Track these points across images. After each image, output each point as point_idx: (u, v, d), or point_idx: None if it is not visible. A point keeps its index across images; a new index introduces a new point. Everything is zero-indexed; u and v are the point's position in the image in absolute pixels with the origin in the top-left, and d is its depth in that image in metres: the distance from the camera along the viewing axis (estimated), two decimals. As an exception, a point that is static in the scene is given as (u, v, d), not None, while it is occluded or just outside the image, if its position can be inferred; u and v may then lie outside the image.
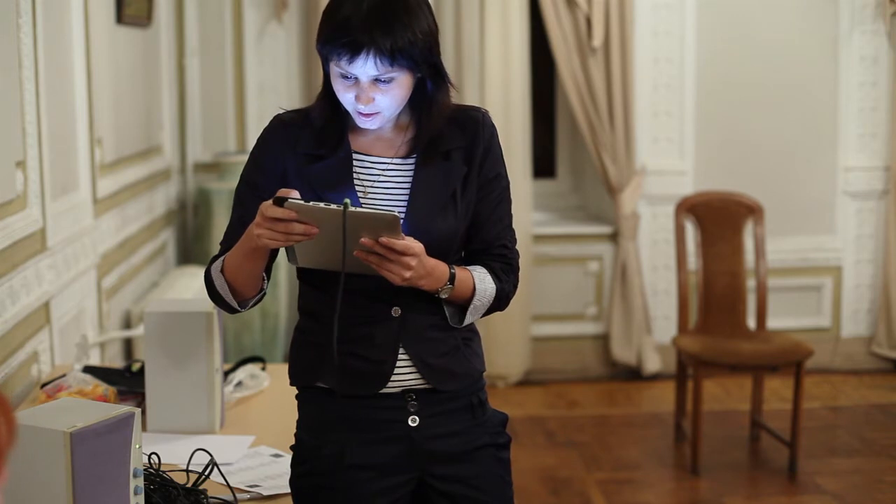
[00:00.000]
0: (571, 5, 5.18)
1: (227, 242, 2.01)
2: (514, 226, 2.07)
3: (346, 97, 1.89)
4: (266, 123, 2.03)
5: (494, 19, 5.15)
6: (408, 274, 1.82)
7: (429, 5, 1.91)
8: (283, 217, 1.76)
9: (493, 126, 2.02)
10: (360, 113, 1.89)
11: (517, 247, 2.07)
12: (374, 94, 1.86)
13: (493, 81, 5.18)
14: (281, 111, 2.03)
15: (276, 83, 5.27)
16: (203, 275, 2.03)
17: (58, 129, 3.09)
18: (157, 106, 4.73)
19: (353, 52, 1.82)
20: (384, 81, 1.85)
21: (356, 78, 1.85)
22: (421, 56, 1.86)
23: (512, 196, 2.07)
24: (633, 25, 5.23)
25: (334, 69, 1.87)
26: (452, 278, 1.92)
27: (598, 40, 5.16)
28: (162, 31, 4.83)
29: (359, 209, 1.77)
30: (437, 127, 1.95)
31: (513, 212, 2.07)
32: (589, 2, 5.16)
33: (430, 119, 1.94)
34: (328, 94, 1.94)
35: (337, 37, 1.83)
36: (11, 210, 2.70)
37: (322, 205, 1.76)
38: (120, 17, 3.92)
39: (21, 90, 2.77)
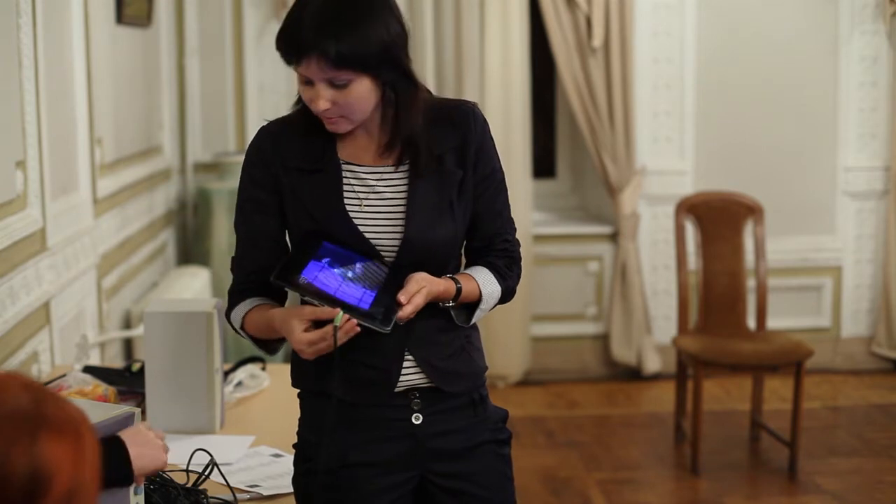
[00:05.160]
0: (571, 5, 5.18)
1: (241, 262, 2.04)
2: (513, 223, 2.06)
3: (307, 100, 1.88)
4: (265, 124, 2.02)
5: (494, 19, 5.15)
6: (413, 309, 1.87)
7: (393, 9, 1.87)
8: (320, 338, 1.85)
9: (484, 120, 1.99)
10: (325, 117, 1.88)
11: (517, 235, 2.07)
12: (330, 97, 1.84)
13: (493, 81, 5.17)
14: (265, 122, 2.02)
15: (276, 83, 5.27)
16: (222, 310, 2.08)
17: (58, 129, 3.09)
18: (157, 106, 4.73)
19: (299, 54, 1.83)
20: (339, 85, 1.84)
21: (312, 81, 1.85)
22: (374, 61, 1.82)
23: (512, 196, 2.06)
24: (633, 25, 5.23)
25: (295, 72, 1.88)
26: (458, 294, 1.94)
27: (598, 40, 5.16)
28: (162, 31, 4.83)
29: (351, 320, 1.84)
30: (411, 130, 1.91)
31: (513, 211, 2.06)
32: (589, 2, 5.16)
33: (398, 124, 1.91)
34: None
35: (285, 38, 1.85)
36: (11, 210, 2.70)
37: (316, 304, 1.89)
38: (120, 17, 3.92)
39: (21, 90, 2.77)
